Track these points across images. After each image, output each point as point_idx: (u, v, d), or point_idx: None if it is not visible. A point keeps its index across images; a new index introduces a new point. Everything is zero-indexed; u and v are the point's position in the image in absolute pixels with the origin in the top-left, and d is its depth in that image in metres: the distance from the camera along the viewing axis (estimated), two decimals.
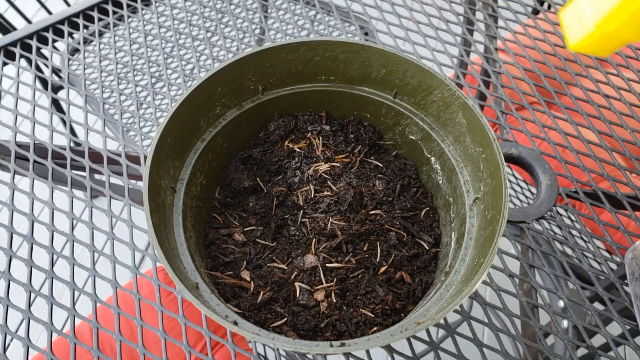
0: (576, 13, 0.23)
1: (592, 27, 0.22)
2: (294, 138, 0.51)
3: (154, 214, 0.37)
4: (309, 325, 0.40)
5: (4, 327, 0.46)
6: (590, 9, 0.22)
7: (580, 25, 0.22)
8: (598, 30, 0.21)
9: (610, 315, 0.47)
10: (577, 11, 0.23)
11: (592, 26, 0.22)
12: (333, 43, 0.46)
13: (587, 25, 0.22)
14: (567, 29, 0.24)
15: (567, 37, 0.24)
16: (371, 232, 0.45)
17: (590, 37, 0.22)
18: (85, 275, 1.24)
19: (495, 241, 0.35)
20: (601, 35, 0.21)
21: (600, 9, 0.21)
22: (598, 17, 0.21)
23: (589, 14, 0.22)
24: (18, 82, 0.63)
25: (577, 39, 0.23)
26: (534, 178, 0.53)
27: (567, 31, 0.24)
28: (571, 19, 0.23)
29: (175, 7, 0.72)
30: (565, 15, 0.24)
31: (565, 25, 0.24)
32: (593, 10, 0.22)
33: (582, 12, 0.22)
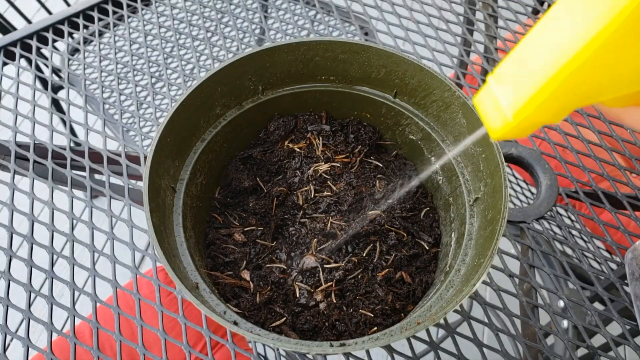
0: (490, 100, 0.21)
1: (510, 118, 0.20)
2: (294, 138, 0.51)
3: (154, 214, 0.37)
4: (308, 325, 0.40)
5: (4, 327, 0.46)
6: (504, 98, 0.20)
7: (497, 114, 0.21)
8: (516, 119, 0.20)
9: (610, 315, 0.47)
10: (490, 98, 0.21)
11: (510, 117, 0.20)
12: (333, 43, 0.46)
13: (504, 116, 0.20)
14: (484, 117, 0.22)
15: (486, 125, 0.22)
16: (371, 232, 0.45)
17: (509, 126, 0.21)
18: (85, 275, 1.23)
19: (495, 241, 0.35)
20: (519, 122, 0.20)
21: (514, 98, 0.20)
22: (514, 107, 0.20)
23: (503, 103, 0.20)
24: (18, 82, 0.63)
25: (496, 128, 0.21)
26: (534, 178, 0.53)
27: (485, 119, 0.22)
28: (486, 106, 0.22)
29: (175, 7, 0.72)
30: (479, 101, 0.22)
31: (482, 112, 0.22)
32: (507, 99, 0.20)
33: (496, 99, 0.21)
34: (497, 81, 0.21)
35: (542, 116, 0.20)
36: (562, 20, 0.18)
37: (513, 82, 0.20)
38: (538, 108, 0.19)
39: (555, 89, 0.18)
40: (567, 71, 0.17)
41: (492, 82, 0.21)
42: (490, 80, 0.21)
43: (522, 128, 0.20)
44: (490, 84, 0.21)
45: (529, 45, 0.19)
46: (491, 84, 0.21)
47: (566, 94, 0.18)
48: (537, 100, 0.19)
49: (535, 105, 0.19)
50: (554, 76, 0.18)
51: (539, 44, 0.19)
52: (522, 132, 0.21)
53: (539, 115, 0.19)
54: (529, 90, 0.19)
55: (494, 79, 0.21)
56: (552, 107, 0.19)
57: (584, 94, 0.19)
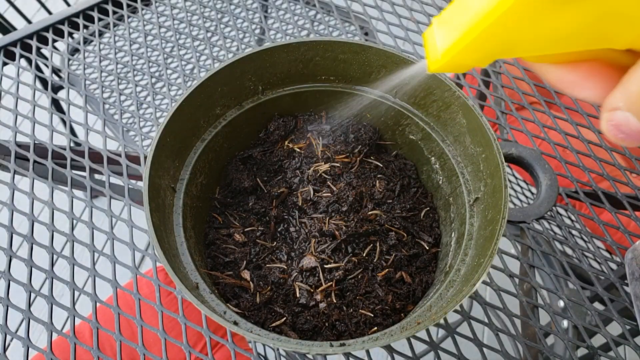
0: (431, 39, 0.25)
1: (439, 56, 0.24)
2: (294, 138, 0.51)
3: (154, 214, 0.37)
4: (308, 325, 0.40)
5: (4, 327, 0.46)
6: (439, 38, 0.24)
7: (433, 51, 0.24)
8: (443, 58, 0.24)
9: (610, 315, 0.47)
10: (431, 37, 0.25)
11: (439, 55, 0.24)
12: (333, 43, 0.46)
13: (436, 53, 0.24)
14: (426, 52, 0.26)
15: (427, 59, 0.26)
16: (371, 232, 0.45)
17: (439, 63, 0.24)
18: (85, 275, 1.23)
19: (496, 241, 0.35)
20: (447, 62, 0.24)
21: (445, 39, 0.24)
22: (443, 47, 0.24)
23: (437, 43, 0.24)
24: (18, 82, 0.63)
25: (431, 63, 0.25)
26: (534, 178, 0.53)
27: (426, 54, 0.26)
28: (428, 43, 0.25)
29: (175, 7, 0.72)
30: (424, 37, 0.26)
31: (425, 47, 0.26)
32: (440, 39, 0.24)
33: (434, 38, 0.24)
34: (438, 23, 0.24)
35: (467, 59, 0.23)
36: None
37: (447, 25, 0.24)
38: (462, 51, 0.23)
39: (476, 37, 0.22)
40: (486, 22, 0.21)
41: (435, 23, 0.25)
42: (434, 22, 0.25)
43: (452, 65, 0.24)
44: (434, 24, 0.25)
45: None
46: (434, 25, 0.25)
47: (487, 43, 0.22)
48: (461, 44, 0.23)
49: (459, 48, 0.23)
50: (475, 25, 0.21)
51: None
52: (453, 68, 0.25)
53: (464, 58, 0.23)
54: (455, 34, 0.23)
55: (437, 20, 0.25)
56: (475, 52, 0.23)
57: (503, 47, 0.22)
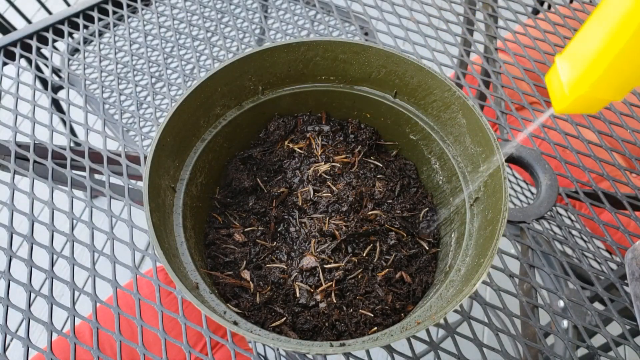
0: (555, 78, 0.23)
1: (567, 93, 0.22)
2: (294, 138, 0.51)
3: (154, 214, 0.37)
4: (308, 325, 0.40)
5: (4, 327, 0.46)
6: (564, 75, 0.22)
7: (559, 90, 0.23)
8: (572, 95, 0.22)
9: (610, 315, 0.47)
10: (555, 76, 0.23)
11: (567, 92, 0.22)
12: (333, 43, 0.46)
13: (563, 91, 0.22)
14: (550, 93, 0.24)
15: (552, 101, 0.24)
16: (371, 233, 0.45)
17: (567, 101, 0.22)
18: (85, 275, 1.23)
19: (496, 241, 0.35)
20: (577, 99, 0.22)
21: (572, 75, 0.22)
22: (571, 83, 0.22)
23: (563, 80, 0.22)
24: (18, 82, 0.63)
25: (558, 103, 0.23)
26: (534, 178, 0.53)
27: (551, 95, 0.24)
28: (553, 83, 0.23)
29: (175, 7, 0.72)
30: (548, 80, 0.24)
31: (549, 89, 0.24)
32: (566, 75, 0.22)
33: (559, 77, 0.23)
34: (561, 61, 0.22)
35: (599, 92, 0.21)
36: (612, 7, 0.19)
37: (573, 61, 0.22)
38: (593, 85, 0.20)
39: (607, 66, 0.19)
40: (617, 48, 0.19)
41: (558, 62, 0.23)
42: (557, 60, 0.23)
43: (583, 104, 0.22)
44: (557, 63, 0.23)
45: (587, 28, 0.21)
46: (557, 64, 0.23)
47: (620, 71, 0.20)
48: (590, 77, 0.20)
49: (589, 81, 0.20)
50: (608, 49, 0.19)
51: (595, 26, 0.20)
52: (584, 108, 0.22)
53: (596, 92, 0.21)
54: (583, 68, 0.21)
55: (560, 59, 0.23)
56: (607, 84, 0.20)
57: (637, 72, 0.20)
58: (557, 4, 0.75)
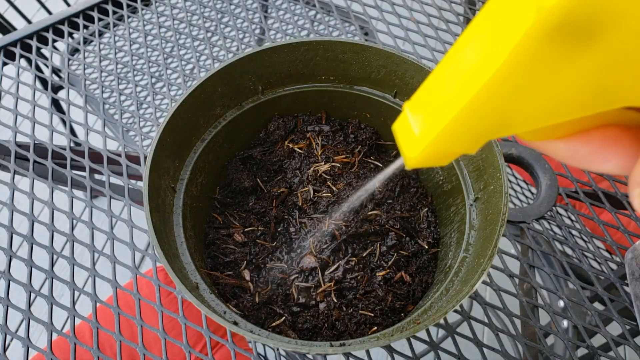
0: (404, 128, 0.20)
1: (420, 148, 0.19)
2: (294, 138, 0.51)
3: (154, 214, 0.37)
4: (308, 325, 0.40)
5: (4, 327, 0.46)
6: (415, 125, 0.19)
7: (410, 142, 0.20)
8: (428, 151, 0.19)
9: (610, 315, 0.47)
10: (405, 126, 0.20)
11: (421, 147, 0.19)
12: (333, 43, 0.46)
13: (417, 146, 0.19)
14: (399, 144, 0.21)
15: (401, 152, 0.21)
16: (371, 233, 0.45)
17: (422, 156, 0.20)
18: (85, 275, 1.23)
19: (495, 241, 0.35)
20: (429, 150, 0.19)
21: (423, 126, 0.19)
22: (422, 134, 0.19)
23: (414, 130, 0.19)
24: (18, 82, 0.63)
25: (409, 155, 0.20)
26: (534, 178, 0.53)
27: (400, 146, 0.21)
28: (402, 134, 0.20)
29: (175, 7, 0.72)
30: (395, 129, 0.21)
31: (398, 139, 0.21)
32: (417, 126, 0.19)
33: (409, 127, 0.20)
34: (411, 109, 0.20)
35: (452, 145, 0.19)
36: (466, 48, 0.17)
37: (423, 110, 0.19)
38: (445, 136, 0.18)
39: (457, 118, 0.17)
40: (466, 98, 0.17)
41: (407, 110, 0.20)
42: (406, 107, 0.20)
43: (435, 156, 0.19)
44: (406, 110, 0.20)
45: (439, 72, 0.19)
46: (406, 111, 0.20)
47: (473, 123, 0.17)
48: (441, 128, 0.18)
49: (441, 133, 0.18)
50: (455, 104, 0.17)
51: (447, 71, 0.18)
52: (436, 160, 0.20)
53: (448, 144, 0.19)
54: (435, 119, 0.18)
55: (409, 106, 0.20)
56: (460, 136, 0.18)
57: (492, 125, 0.18)
58: None
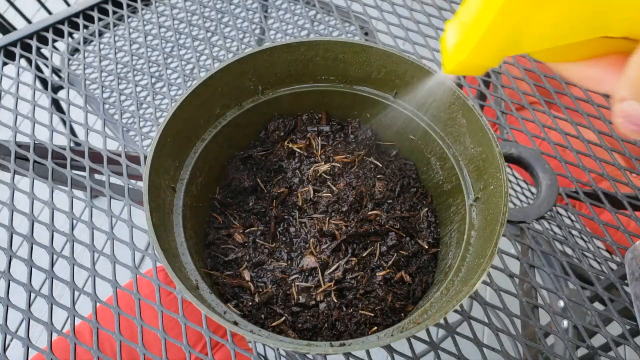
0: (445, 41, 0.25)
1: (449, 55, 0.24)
2: (294, 138, 0.51)
3: (154, 214, 0.37)
4: (308, 325, 0.40)
5: (4, 327, 0.46)
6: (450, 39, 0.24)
7: (444, 52, 0.24)
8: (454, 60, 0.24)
9: (610, 315, 0.47)
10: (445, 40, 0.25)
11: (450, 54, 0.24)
12: (333, 43, 0.46)
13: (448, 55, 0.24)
14: (442, 54, 0.25)
15: (444, 63, 0.25)
16: (371, 233, 0.45)
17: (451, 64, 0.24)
18: (85, 275, 1.23)
19: (495, 241, 0.35)
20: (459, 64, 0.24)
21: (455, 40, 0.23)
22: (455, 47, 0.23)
23: (447, 43, 0.24)
24: (18, 82, 0.63)
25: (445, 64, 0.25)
26: (534, 178, 0.53)
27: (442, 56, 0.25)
28: (442, 46, 0.25)
29: (175, 7, 0.72)
30: (441, 41, 0.26)
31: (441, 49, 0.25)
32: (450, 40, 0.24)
33: (446, 40, 0.24)
34: (450, 25, 0.24)
35: (478, 58, 0.23)
36: None
37: (457, 26, 0.23)
38: (473, 50, 0.22)
39: (483, 32, 0.21)
40: (491, 15, 0.20)
41: (448, 26, 0.25)
42: (448, 25, 0.25)
43: (466, 65, 0.24)
44: (447, 27, 0.25)
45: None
46: (447, 28, 0.25)
47: (494, 37, 0.21)
48: (469, 41, 0.22)
49: (469, 46, 0.22)
50: (480, 20, 0.21)
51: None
52: (467, 69, 0.24)
53: (475, 57, 0.23)
54: (462, 33, 0.23)
55: (450, 24, 0.25)
56: (484, 49, 0.22)
57: (510, 40, 0.22)
58: None
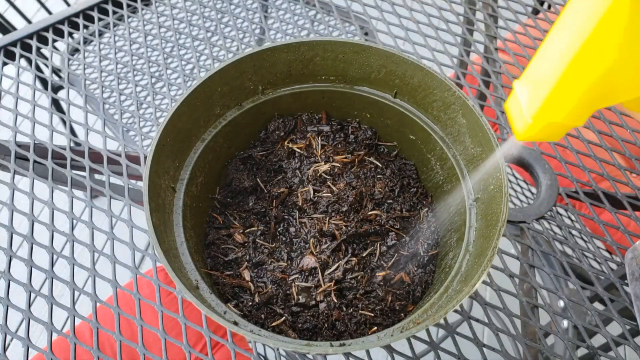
0: (515, 104, 0.21)
1: (528, 120, 0.21)
2: (294, 138, 0.51)
3: (154, 214, 0.37)
4: (308, 325, 0.40)
5: (4, 327, 0.46)
6: (525, 101, 0.21)
7: (520, 118, 0.21)
8: (535, 123, 0.20)
9: (610, 315, 0.47)
10: (515, 102, 0.21)
11: (529, 119, 0.20)
12: (333, 43, 0.46)
13: (524, 118, 0.21)
14: (511, 121, 0.22)
15: (512, 129, 0.22)
16: (371, 233, 0.45)
17: (531, 130, 0.21)
18: (85, 275, 1.23)
19: (496, 241, 0.35)
20: (541, 125, 0.20)
21: (532, 102, 0.20)
22: (532, 110, 0.20)
23: (524, 106, 0.21)
24: (18, 82, 0.63)
25: (520, 131, 0.22)
26: (534, 178, 0.53)
27: (511, 123, 0.22)
28: (512, 110, 0.22)
29: (175, 7, 0.72)
30: (508, 107, 0.22)
31: (509, 116, 0.22)
32: (527, 102, 0.20)
33: (519, 103, 0.21)
34: (520, 85, 0.21)
35: (561, 117, 0.20)
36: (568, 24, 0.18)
37: (532, 86, 0.20)
38: (554, 109, 0.19)
39: (567, 90, 0.18)
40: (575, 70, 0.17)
41: (517, 87, 0.21)
42: (516, 86, 0.21)
43: (545, 131, 0.21)
44: (516, 89, 0.21)
45: (545, 50, 0.20)
46: (516, 89, 0.21)
47: (581, 94, 0.18)
48: (551, 102, 0.19)
49: (550, 106, 0.19)
50: (563, 76, 0.18)
51: (552, 47, 0.19)
52: (547, 136, 0.21)
53: (557, 116, 0.20)
54: (543, 93, 0.19)
55: (518, 83, 0.21)
56: (568, 108, 0.19)
57: (599, 94, 0.18)
58: (557, 3, 0.75)
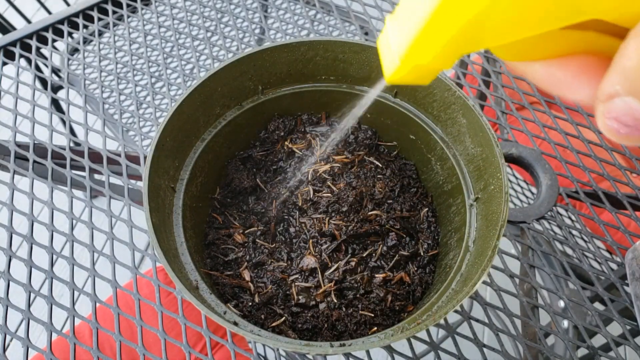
0: (386, 43, 0.20)
1: (397, 62, 0.19)
2: (294, 138, 0.51)
3: (153, 214, 0.37)
4: (308, 325, 0.40)
5: (4, 327, 0.46)
6: (395, 41, 0.19)
7: (390, 58, 0.19)
8: (404, 65, 0.19)
9: (610, 316, 0.47)
10: (386, 40, 0.20)
11: (397, 61, 0.19)
12: (333, 43, 0.46)
13: (394, 59, 0.19)
14: (382, 60, 0.20)
15: (382, 69, 0.20)
16: (371, 233, 0.45)
17: (399, 72, 0.19)
18: (85, 275, 1.23)
19: (496, 241, 0.35)
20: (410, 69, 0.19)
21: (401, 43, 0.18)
22: (401, 51, 0.18)
23: (393, 47, 0.19)
24: (18, 82, 0.63)
25: (388, 73, 0.20)
26: (534, 178, 0.52)
27: (382, 62, 0.20)
28: (383, 49, 0.20)
29: (175, 7, 0.72)
30: (379, 44, 0.20)
31: (381, 55, 0.20)
32: (397, 43, 0.19)
33: (389, 42, 0.19)
34: (392, 23, 0.19)
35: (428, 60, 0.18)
36: None
37: (402, 24, 0.18)
38: (422, 51, 0.18)
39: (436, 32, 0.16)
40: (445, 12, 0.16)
41: (388, 24, 0.19)
42: (388, 22, 0.19)
43: (413, 73, 0.19)
44: (387, 25, 0.19)
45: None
46: (388, 26, 0.19)
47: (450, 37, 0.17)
48: (420, 44, 0.17)
49: (419, 48, 0.17)
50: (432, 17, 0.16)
51: None
52: (415, 78, 0.20)
53: (424, 59, 0.18)
54: (412, 33, 0.17)
55: (390, 20, 0.19)
56: (436, 51, 0.17)
57: (469, 38, 0.17)
58: None
